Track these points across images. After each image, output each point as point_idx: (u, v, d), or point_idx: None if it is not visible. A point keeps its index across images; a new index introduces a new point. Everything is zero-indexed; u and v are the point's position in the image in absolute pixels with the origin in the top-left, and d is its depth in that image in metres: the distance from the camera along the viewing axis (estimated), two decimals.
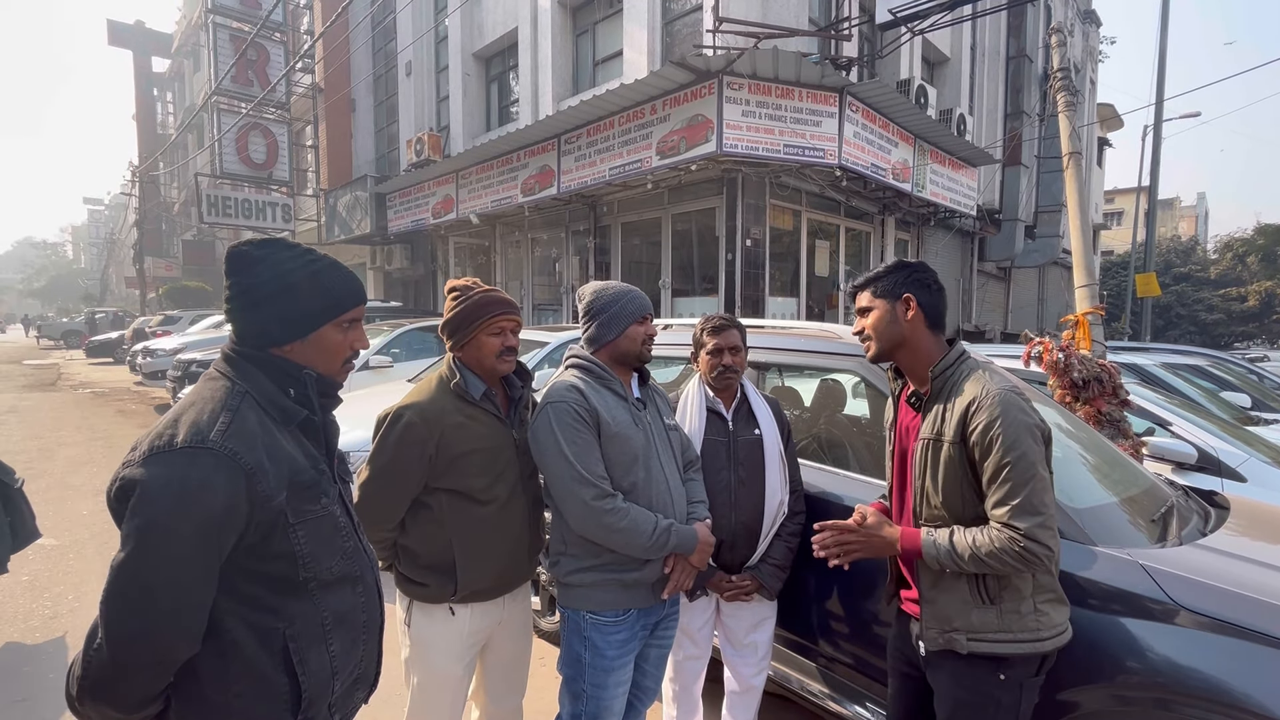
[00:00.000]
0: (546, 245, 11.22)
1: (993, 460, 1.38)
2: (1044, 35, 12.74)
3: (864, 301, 1.62)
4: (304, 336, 1.13)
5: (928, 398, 1.54)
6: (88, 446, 7.44)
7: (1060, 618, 1.45)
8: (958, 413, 1.44)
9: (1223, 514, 2.09)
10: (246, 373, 1.10)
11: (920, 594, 1.54)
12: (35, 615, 3.40)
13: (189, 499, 0.95)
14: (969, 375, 1.49)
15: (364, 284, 6.93)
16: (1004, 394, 1.40)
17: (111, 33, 30.15)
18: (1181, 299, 24.02)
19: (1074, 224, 4.56)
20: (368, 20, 15.69)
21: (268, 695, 1.06)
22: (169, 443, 0.98)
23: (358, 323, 1.21)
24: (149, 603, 0.95)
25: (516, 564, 1.78)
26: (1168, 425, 3.77)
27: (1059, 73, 4.84)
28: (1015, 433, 1.36)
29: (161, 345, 11.83)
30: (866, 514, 1.58)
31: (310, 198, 17.78)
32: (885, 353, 1.59)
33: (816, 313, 9.20)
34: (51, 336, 28.64)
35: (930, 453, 1.49)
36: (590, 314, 1.84)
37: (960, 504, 1.46)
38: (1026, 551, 1.33)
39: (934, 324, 1.56)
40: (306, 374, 1.13)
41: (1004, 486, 1.37)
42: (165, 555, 0.95)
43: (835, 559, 1.57)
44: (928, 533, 1.47)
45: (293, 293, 1.11)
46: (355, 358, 1.23)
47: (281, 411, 1.10)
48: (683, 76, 7.02)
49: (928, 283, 1.58)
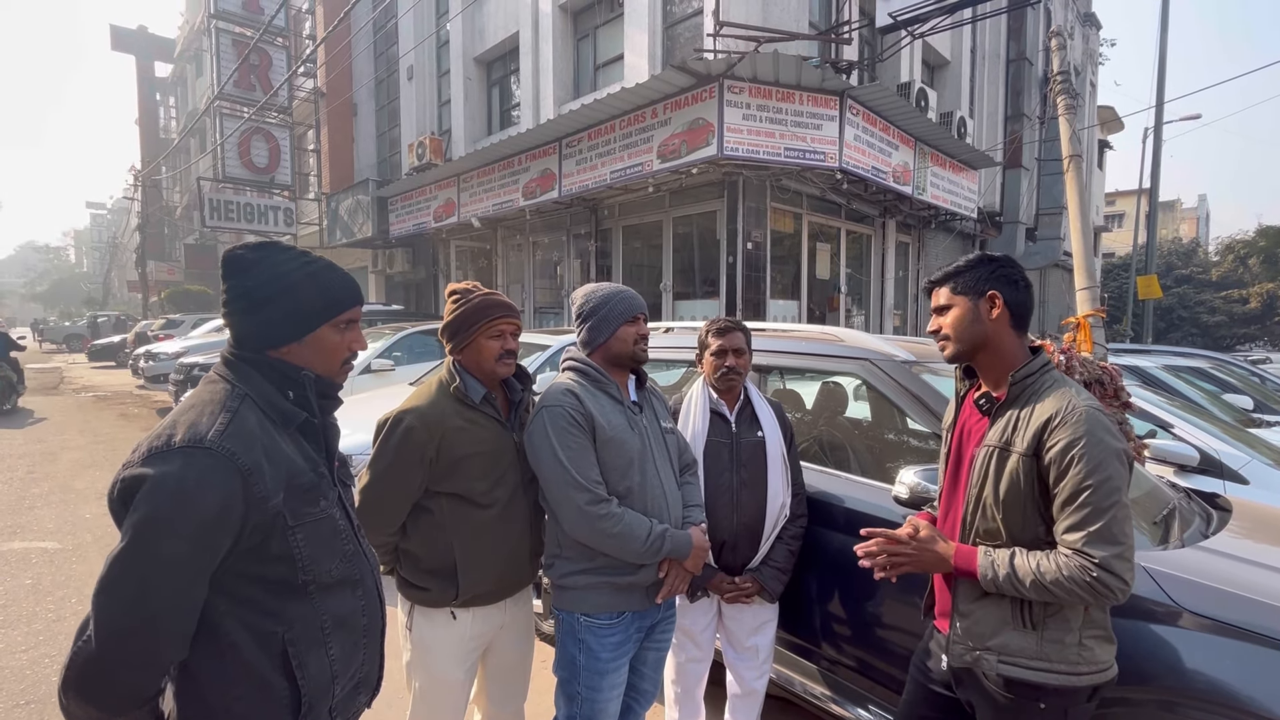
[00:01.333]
0: (548, 249, 11.24)
1: (1071, 481, 1.26)
2: (1044, 38, 12.76)
3: (942, 299, 1.48)
4: (301, 338, 1.13)
5: (1001, 403, 1.42)
6: (90, 450, 7.45)
7: (1105, 655, 1.35)
8: (1035, 424, 1.32)
9: (1225, 516, 2.09)
10: (245, 375, 1.10)
11: (955, 606, 1.44)
12: (39, 618, 3.40)
13: (186, 497, 0.95)
14: (1053, 387, 1.37)
15: (364, 287, 6.94)
16: (1090, 413, 1.29)
17: (114, 38, 30.29)
18: (1183, 301, 24.00)
19: (1075, 226, 4.56)
20: (369, 25, 15.74)
21: (267, 698, 1.06)
22: (167, 443, 0.98)
23: (355, 323, 1.21)
24: (140, 598, 0.95)
25: (518, 567, 1.78)
26: (1169, 427, 3.77)
27: (1059, 76, 4.85)
28: (1100, 455, 1.25)
29: (164, 349, 11.85)
30: (920, 526, 1.45)
31: (312, 201, 17.82)
32: (965, 354, 1.46)
33: (818, 315, 9.20)
34: (54, 340, 28.70)
35: (994, 462, 1.37)
36: (582, 317, 1.84)
37: (1021, 521, 1.35)
38: (1099, 583, 1.22)
39: (1019, 324, 1.43)
40: (305, 375, 1.13)
41: (1081, 511, 1.25)
42: (160, 551, 0.95)
43: (882, 571, 1.45)
44: (985, 553, 1.35)
45: (289, 294, 1.11)
46: (354, 358, 1.23)
47: (281, 413, 1.10)
48: (683, 80, 7.04)
49: (1015, 279, 1.44)
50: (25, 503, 5.43)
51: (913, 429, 2.80)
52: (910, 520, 1.49)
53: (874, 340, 2.49)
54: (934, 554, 1.41)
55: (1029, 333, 1.50)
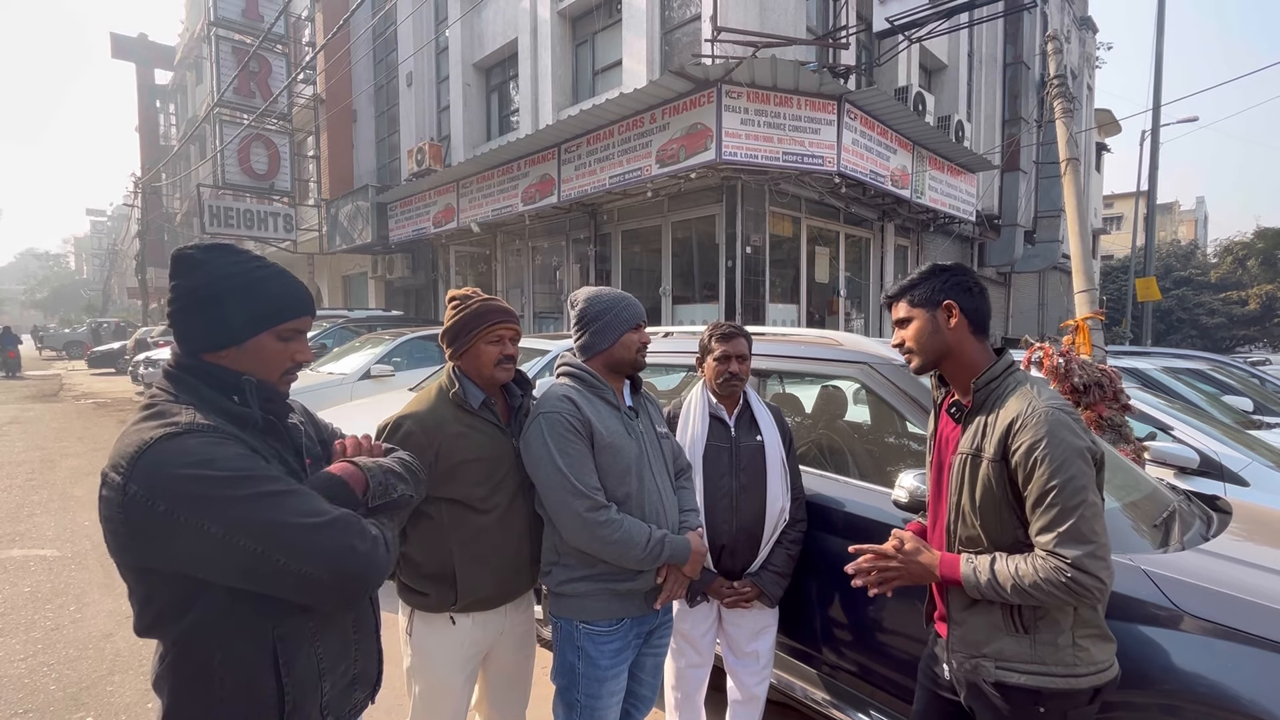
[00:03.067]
0: (547, 253, 11.25)
1: (1037, 483, 1.28)
2: (1041, 42, 12.80)
3: (901, 312, 1.51)
4: (241, 343, 1.10)
5: (969, 410, 1.44)
6: (90, 457, 7.45)
7: (1103, 655, 1.34)
8: (1000, 429, 1.34)
9: (1225, 519, 2.09)
10: (187, 386, 1.07)
11: (949, 615, 1.46)
12: (37, 626, 3.39)
13: (210, 458, 0.96)
14: (1015, 389, 1.38)
15: (364, 293, 6.95)
16: (1051, 412, 1.30)
17: (115, 46, 30.39)
18: (1182, 303, 24.02)
19: (1073, 229, 4.57)
20: (369, 32, 15.81)
21: (253, 696, 1.05)
22: (149, 439, 0.96)
23: (301, 334, 1.17)
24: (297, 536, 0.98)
25: (518, 573, 1.77)
26: (1169, 430, 3.77)
27: (1056, 79, 4.86)
28: (1063, 454, 1.26)
29: (164, 355, 11.86)
30: (904, 539, 1.46)
31: (312, 208, 17.85)
32: (930, 364, 1.49)
33: (817, 319, 9.21)
34: (54, 347, 28.70)
35: (968, 469, 1.39)
36: (583, 321, 1.82)
37: (998, 526, 1.36)
38: (1074, 583, 1.23)
39: (978, 330, 1.46)
40: (246, 380, 1.09)
41: (1049, 512, 1.26)
42: (248, 501, 0.96)
43: (875, 588, 1.46)
44: (967, 560, 1.37)
45: (232, 296, 1.09)
46: (296, 370, 1.19)
47: (231, 416, 1.06)
48: (682, 85, 7.06)
49: (968, 286, 1.47)
50: (24, 510, 5.42)
51: (912, 433, 2.80)
52: (895, 533, 1.49)
53: (873, 344, 2.49)
54: (920, 565, 1.42)
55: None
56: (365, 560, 1.03)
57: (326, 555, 0.99)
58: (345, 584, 1.02)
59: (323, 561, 0.99)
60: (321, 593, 1.02)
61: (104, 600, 3.70)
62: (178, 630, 1.02)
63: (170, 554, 0.95)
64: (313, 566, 0.98)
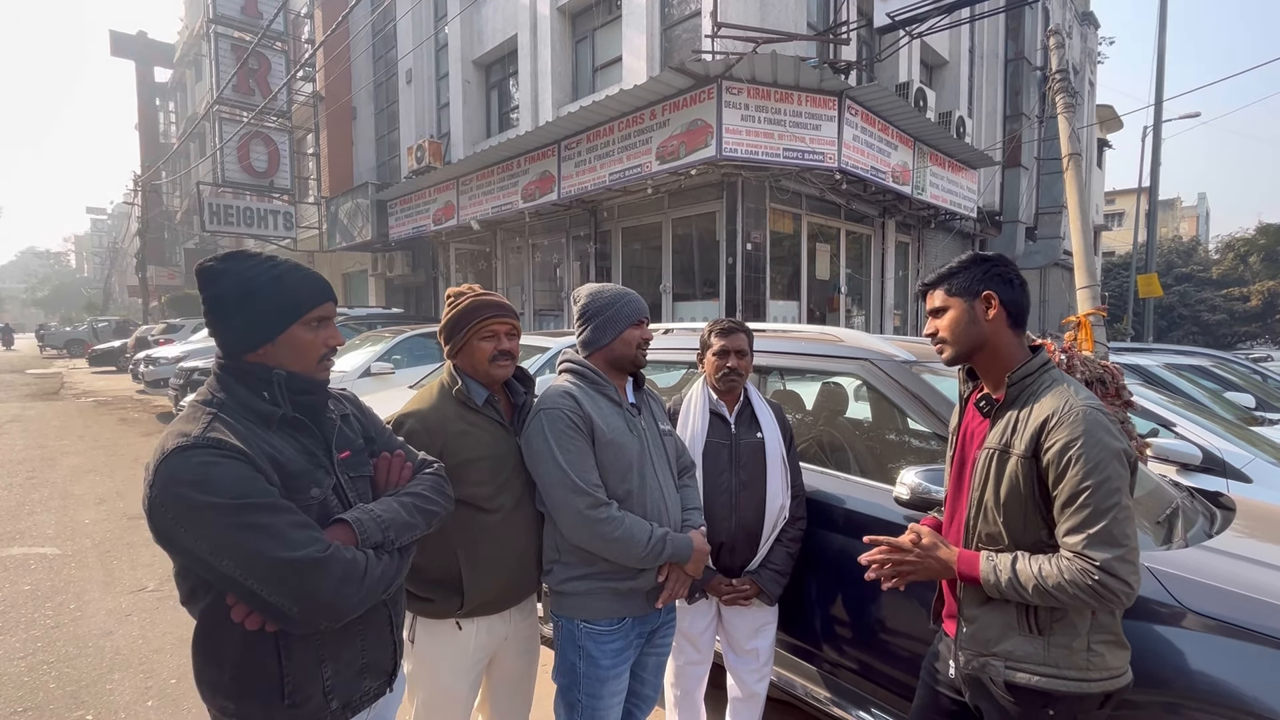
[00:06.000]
0: (547, 250, 11.24)
1: (1069, 483, 1.24)
2: (1042, 37, 12.76)
3: (937, 301, 1.46)
4: (274, 339, 1.18)
5: (1000, 404, 1.40)
6: (90, 455, 7.45)
7: (1117, 661, 1.31)
8: (1033, 425, 1.30)
9: (1228, 515, 2.08)
10: (225, 384, 1.17)
11: (960, 611, 1.42)
12: (37, 624, 3.39)
13: (203, 480, 1.02)
14: (1051, 386, 1.35)
15: (364, 291, 6.94)
16: (1089, 411, 1.26)
17: (114, 44, 30.35)
18: (1184, 299, 23.99)
19: (1074, 225, 4.55)
20: (368, 28, 15.76)
21: (259, 673, 1.12)
22: (166, 448, 1.05)
23: (328, 320, 1.25)
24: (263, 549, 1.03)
25: (523, 574, 1.74)
26: (1172, 426, 3.75)
27: (1057, 75, 4.84)
28: (1098, 455, 1.22)
29: (164, 353, 11.87)
30: (921, 533, 1.43)
31: (311, 205, 17.83)
32: (963, 356, 1.44)
33: (818, 316, 9.19)
34: (55, 346, 28.72)
35: (994, 464, 1.36)
36: (585, 317, 1.81)
37: (1021, 524, 1.33)
38: (1101, 586, 1.19)
39: (1016, 323, 1.41)
40: (276, 374, 1.17)
41: (1081, 512, 1.22)
42: (222, 525, 1.02)
43: (889, 581, 1.43)
44: (987, 558, 1.33)
45: (256, 298, 1.17)
46: (333, 354, 1.27)
47: (257, 414, 1.15)
48: (682, 82, 7.03)
49: (1009, 277, 1.42)
50: (25, 508, 5.42)
51: (913, 429, 2.79)
52: (912, 527, 1.46)
53: (874, 340, 2.48)
54: (937, 560, 1.39)
55: (1029, 331, 1.48)
56: (334, 598, 1.08)
57: (297, 594, 1.05)
58: (312, 619, 1.08)
59: (292, 598, 1.05)
60: (289, 623, 1.08)
61: (104, 598, 3.70)
62: (203, 606, 1.12)
63: (180, 550, 1.05)
64: (282, 599, 1.04)
